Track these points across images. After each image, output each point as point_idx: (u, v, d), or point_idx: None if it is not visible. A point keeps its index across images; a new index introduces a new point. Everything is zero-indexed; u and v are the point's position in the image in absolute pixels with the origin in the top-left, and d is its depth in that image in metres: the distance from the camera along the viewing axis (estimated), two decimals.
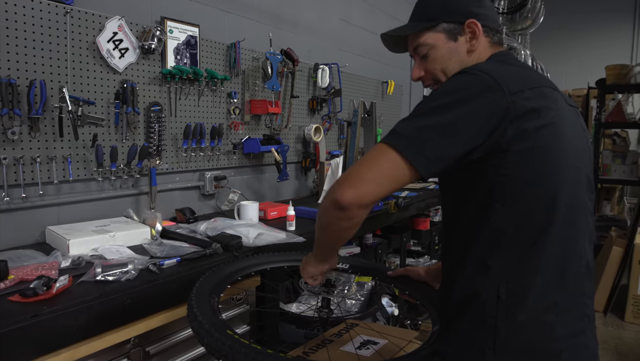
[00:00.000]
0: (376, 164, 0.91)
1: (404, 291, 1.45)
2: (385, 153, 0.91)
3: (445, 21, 1.08)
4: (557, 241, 0.94)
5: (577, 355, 0.95)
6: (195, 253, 1.58)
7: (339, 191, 0.92)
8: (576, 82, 6.29)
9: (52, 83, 1.73)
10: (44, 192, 1.73)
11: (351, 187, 0.91)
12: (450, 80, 0.98)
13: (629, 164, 4.60)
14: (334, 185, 0.95)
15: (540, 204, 0.93)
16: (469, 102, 0.90)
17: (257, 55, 2.62)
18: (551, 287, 0.94)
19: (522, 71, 1.00)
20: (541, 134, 0.91)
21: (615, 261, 3.77)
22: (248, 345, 0.96)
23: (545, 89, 0.96)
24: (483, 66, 0.98)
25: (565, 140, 0.95)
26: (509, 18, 4.56)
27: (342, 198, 0.91)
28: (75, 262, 1.45)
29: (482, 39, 1.08)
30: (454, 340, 1.00)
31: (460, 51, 1.08)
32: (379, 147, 0.93)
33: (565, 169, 0.94)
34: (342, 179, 0.94)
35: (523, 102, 0.90)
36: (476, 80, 0.92)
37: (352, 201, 0.90)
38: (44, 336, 1.10)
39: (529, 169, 0.91)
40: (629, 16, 6.36)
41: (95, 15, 1.84)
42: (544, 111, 0.92)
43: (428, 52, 1.10)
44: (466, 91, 0.92)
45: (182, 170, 2.28)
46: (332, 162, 2.82)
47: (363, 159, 0.94)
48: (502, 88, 0.90)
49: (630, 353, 3.14)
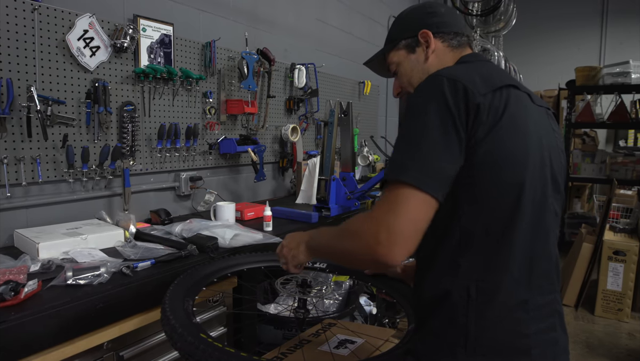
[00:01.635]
0: (409, 209, 0.88)
1: (381, 289, 1.46)
2: (408, 194, 0.89)
3: (404, 38, 1.19)
4: (525, 240, 0.96)
5: (548, 351, 0.97)
6: (170, 255, 1.56)
7: (385, 251, 0.87)
8: (547, 83, 6.46)
9: (20, 82, 1.68)
10: (11, 194, 1.68)
11: (401, 246, 0.87)
12: (417, 90, 0.99)
13: (598, 163, 4.74)
14: (368, 237, 0.90)
15: (505, 204, 0.95)
16: (447, 107, 0.91)
17: (232, 54, 2.60)
18: (520, 285, 0.95)
19: (486, 71, 1.02)
20: (504, 134, 0.92)
21: (585, 257, 3.88)
22: (221, 348, 0.95)
23: (510, 89, 0.97)
24: (445, 70, 1.00)
25: (529, 140, 0.97)
26: (483, 20, 4.64)
27: (394, 258, 0.88)
28: (45, 266, 1.41)
29: (438, 45, 1.15)
30: (426, 338, 1.01)
31: (419, 61, 1.17)
32: (399, 189, 0.90)
33: (530, 168, 0.96)
34: (382, 236, 0.88)
35: (487, 102, 0.92)
36: (441, 84, 0.94)
37: (403, 258, 0.89)
38: (12, 343, 1.07)
39: (494, 169, 0.93)
40: (596, 20, 6.56)
41: (65, 12, 1.80)
42: (507, 112, 0.93)
43: (397, 69, 1.22)
44: (437, 98, 0.93)
45: (157, 171, 2.25)
46: (310, 162, 2.82)
47: (395, 208, 0.89)
48: (471, 89, 0.91)
49: (599, 346, 3.24)
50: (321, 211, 2.40)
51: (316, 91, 3.26)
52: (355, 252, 0.95)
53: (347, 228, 0.98)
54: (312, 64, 3.24)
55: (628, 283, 3.65)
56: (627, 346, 3.25)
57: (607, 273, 3.71)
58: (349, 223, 0.98)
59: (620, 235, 3.90)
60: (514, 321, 0.95)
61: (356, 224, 0.95)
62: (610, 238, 3.79)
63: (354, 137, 3.02)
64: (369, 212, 0.94)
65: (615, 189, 4.07)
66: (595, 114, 4.57)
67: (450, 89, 0.92)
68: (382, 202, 0.92)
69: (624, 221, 4.25)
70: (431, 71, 1.10)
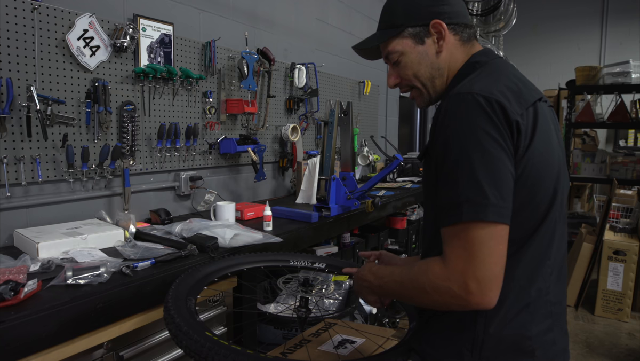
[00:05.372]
0: (491, 250, 0.84)
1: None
2: (486, 233, 0.84)
3: (410, 26, 1.07)
4: (535, 247, 0.96)
5: (548, 351, 0.97)
6: (170, 255, 1.55)
7: (479, 300, 0.84)
8: (547, 83, 6.46)
9: (20, 82, 1.68)
10: (11, 194, 1.68)
11: (494, 290, 0.84)
12: (451, 115, 0.92)
13: (598, 163, 4.73)
14: (456, 290, 0.84)
15: (536, 218, 0.94)
16: (496, 128, 0.88)
17: (232, 54, 2.59)
18: (525, 289, 0.95)
19: (511, 82, 0.97)
20: (537, 153, 0.92)
21: (585, 257, 3.88)
22: (228, 345, 0.95)
23: (536, 104, 0.96)
24: (476, 85, 0.93)
25: (553, 154, 0.97)
26: (483, 20, 4.65)
27: (490, 303, 0.85)
28: (45, 266, 1.41)
29: (450, 38, 1.06)
30: (432, 340, 1.01)
31: (429, 54, 1.07)
32: (474, 230, 0.84)
33: (556, 182, 0.96)
34: (472, 286, 0.83)
35: (524, 121, 0.90)
36: (479, 104, 0.89)
37: (497, 297, 0.85)
38: (11, 343, 1.07)
39: (530, 188, 0.92)
40: (596, 20, 6.56)
41: (65, 12, 1.79)
42: (537, 129, 0.92)
43: (399, 58, 1.10)
44: (484, 121, 0.88)
45: (157, 170, 2.24)
46: (310, 162, 2.82)
47: (476, 253, 0.84)
48: (508, 107, 0.89)
49: (599, 346, 3.23)
50: (321, 210, 2.39)
51: (316, 90, 3.25)
52: (443, 304, 0.89)
53: (426, 285, 0.90)
54: (312, 64, 3.24)
55: (628, 282, 3.65)
56: (627, 346, 3.25)
57: (607, 273, 3.71)
58: (425, 278, 0.90)
59: (620, 235, 3.90)
60: (519, 324, 0.95)
61: (436, 280, 0.87)
62: (610, 237, 3.79)
63: (354, 137, 3.02)
64: (446, 262, 0.87)
65: (615, 189, 4.07)
66: (595, 114, 4.56)
67: (491, 108, 0.88)
68: (457, 247, 0.85)
69: (624, 221, 4.25)
70: (442, 66, 1.07)
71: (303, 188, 2.82)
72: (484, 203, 0.84)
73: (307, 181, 2.81)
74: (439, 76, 1.08)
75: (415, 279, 0.93)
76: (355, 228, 2.95)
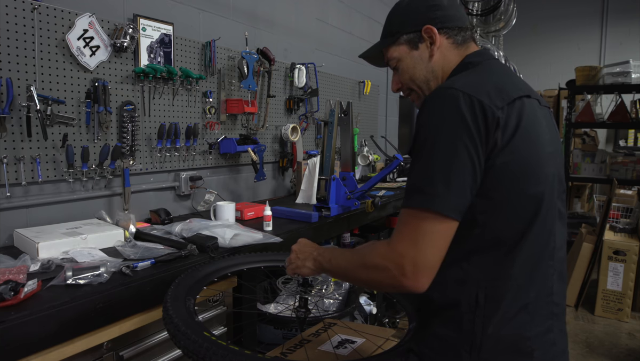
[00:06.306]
0: (434, 242, 0.88)
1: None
2: (432, 223, 0.87)
3: (405, 33, 1.13)
4: (531, 245, 0.96)
5: (548, 352, 0.98)
6: (170, 255, 1.55)
7: (411, 283, 0.87)
8: (547, 83, 6.46)
9: (20, 81, 1.68)
10: (11, 194, 1.68)
11: (427, 276, 0.88)
12: (429, 108, 0.95)
13: (598, 163, 4.73)
14: (391, 269, 0.88)
15: (524, 215, 0.95)
16: (466, 127, 0.89)
17: (232, 54, 2.59)
18: (523, 289, 0.96)
19: (498, 78, 0.99)
20: (520, 146, 0.92)
21: (585, 257, 3.88)
22: (226, 346, 0.95)
23: (523, 100, 0.96)
24: (458, 82, 0.96)
25: (544, 150, 0.97)
26: (483, 20, 4.65)
27: (421, 288, 0.88)
28: (45, 266, 1.41)
29: (443, 41, 1.10)
30: (431, 341, 1.01)
31: (423, 58, 1.12)
32: (421, 217, 0.88)
33: (544, 177, 0.96)
34: (407, 269, 0.87)
35: (505, 115, 0.91)
36: (456, 101, 0.91)
37: (429, 284, 0.89)
38: (11, 343, 1.07)
39: (513, 182, 0.92)
40: (596, 20, 6.56)
41: (65, 12, 1.79)
42: (522, 124, 0.93)
43: (397, 64, 1.16)
44: (454, 118, 0.90)
45: (157, 170, 2.24)
46: (310, 161, 2.82)
47: (419, 240, 0.88)
48: (488, 104, 0.90)
49: (599, 346, 3.24)
50: (321, 210, 2.39)
51: (316, 90, 3.25)
52: (377, 282, 0.94)
53: (367, 260, 0.95)
54: (312, 64, 3.24)
55: (628, 282, 3.65)
56: (627, 346, 3.25)
57: (607, 273, 3.71)
58: (368, 254, 0.95)
59: (620, 235, 3.90)
60: (517, 324, 0.95)
61: (377, 258, 0.92)
62: (610, 237, 3.79)
63: (354, 137, 3.02)
64: (390, 243, 0.91)
65: (615, 189, 4.07)
66: (595, 114, 4.56)
67: (467, 105, 0.90)
68: (403, 232, 0.90)
69: (624, 220, 4.25)
70: (435, 69, 1.11)
71: (303, 187, 2.82)
72: (431, 193, 0.88)
73: (307, 181, 2.81)
74: (433, 78, 1.12)
75: (358, 252, 0.99)
76: (355, 228, 2.96)
